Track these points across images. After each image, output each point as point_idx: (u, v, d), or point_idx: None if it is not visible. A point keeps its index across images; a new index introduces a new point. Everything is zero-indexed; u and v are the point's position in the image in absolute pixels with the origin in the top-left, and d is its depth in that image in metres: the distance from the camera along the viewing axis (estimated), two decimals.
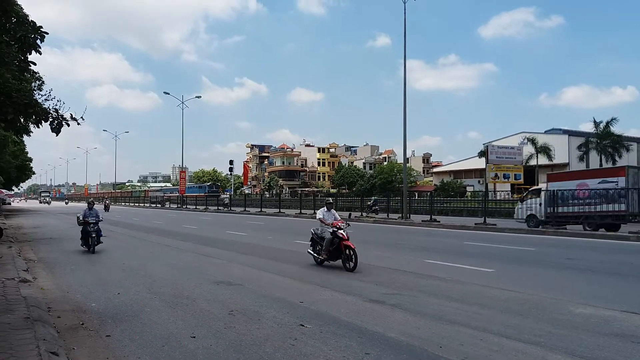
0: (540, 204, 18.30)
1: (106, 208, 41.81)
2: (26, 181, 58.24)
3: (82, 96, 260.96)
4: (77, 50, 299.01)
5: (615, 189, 16.39)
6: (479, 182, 60.11)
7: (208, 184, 76.05)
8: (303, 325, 5.50)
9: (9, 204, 65.73)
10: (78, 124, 6.85)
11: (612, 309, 6.26)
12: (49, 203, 74.34)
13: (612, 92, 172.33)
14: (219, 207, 44.41)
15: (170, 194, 71.37)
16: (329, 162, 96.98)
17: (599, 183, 17.11)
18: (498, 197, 32.32)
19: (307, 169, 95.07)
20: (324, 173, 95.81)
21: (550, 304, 6.54)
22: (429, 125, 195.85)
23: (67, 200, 78.10)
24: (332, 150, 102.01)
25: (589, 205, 16.73)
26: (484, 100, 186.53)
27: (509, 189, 37.66)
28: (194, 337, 5.12)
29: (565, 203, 17.41)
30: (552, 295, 7.03)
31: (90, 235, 12.59)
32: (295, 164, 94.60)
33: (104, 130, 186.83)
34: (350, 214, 28.20)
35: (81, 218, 12.88)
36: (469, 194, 45.17)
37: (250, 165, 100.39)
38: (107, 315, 6.10)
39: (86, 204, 13.32)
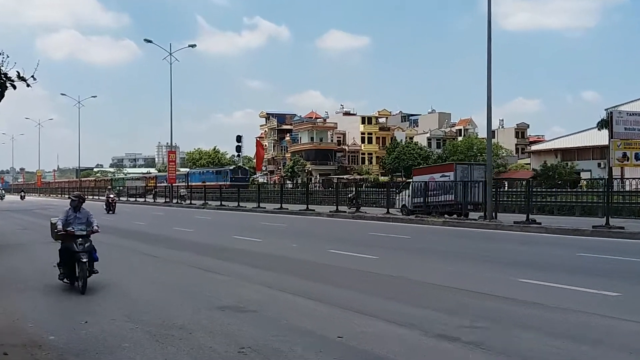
0: (408, 195, 28.12)
1: (109, 207, 36.72)
2: None
3: (32, 46, 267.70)
4: None
5: (448, 182, 25.92)
6: (599, 165, 58.52)
7: (230, 167, 74.92)
8: None
9: None
10: (28, 85, 7.05)
11: None
12: (1, 197, 73.49)
13: None
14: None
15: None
16: (377, 138, 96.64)
17: (440, 177, 26.79)
18: (627, 188, 31.35)
19: (347, 147, 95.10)
20: (371, 153, 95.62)
21: None
22: (524, 83, 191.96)
23: (23, 193, 77.92)
24: (382, 120, 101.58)
25: (436, 196, 26.17)
26: (606, 46, 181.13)
27: None
28: None
29: (422, 194, 27.04)
30: None
31: (78, 260, 9.53)
32: (328, 141, 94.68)
33: (62, 94, 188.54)
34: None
35: (59, 225, 9.92)
36: (584, 182, 44.02)
37: (266, 143, 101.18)
38: (70, 351, 6.28)
39: (68, 201, 10.70)
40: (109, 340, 6.67)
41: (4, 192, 80.00)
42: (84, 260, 9.50)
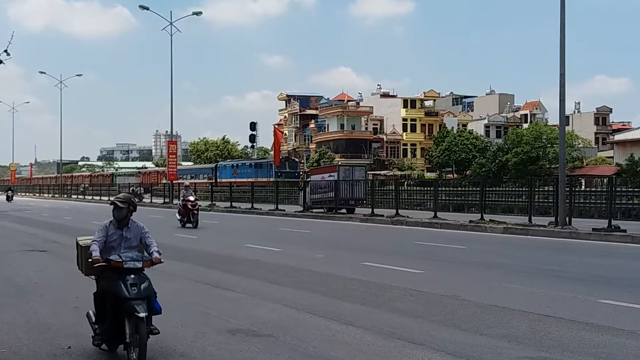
0: (308, 193, 37.48)
1: (189, 217, 27.28)
2: None
3: (4, 15, 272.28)
4: None
5: (332, 181, 35.09)
6: None
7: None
8: None
9: None
10: (0, 61, 7.16)
11: None
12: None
13: None
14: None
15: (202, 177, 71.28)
16: (422, 125, 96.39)
17: (328, 177, 36.12)
18: None
19: (385, 136, 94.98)
20: (414, 144, 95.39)
21: None
22: (607, 58, 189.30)
23: (10, 193, 71.88)
24: (428, 103, 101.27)
25: (325, 193, 35.74)
26: None
27: None
28: None
29: (316, 192, 36.76)
30: None
31: (130, 314, 6.74)
32: (362, 129, 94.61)
33: (40, 72, 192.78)
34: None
35: (96, 252, 7.19)
36: None
37: (286, 132, 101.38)
38: None
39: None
40: None
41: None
42: (142, 314, 6.65)
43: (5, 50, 6.85)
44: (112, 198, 8.13)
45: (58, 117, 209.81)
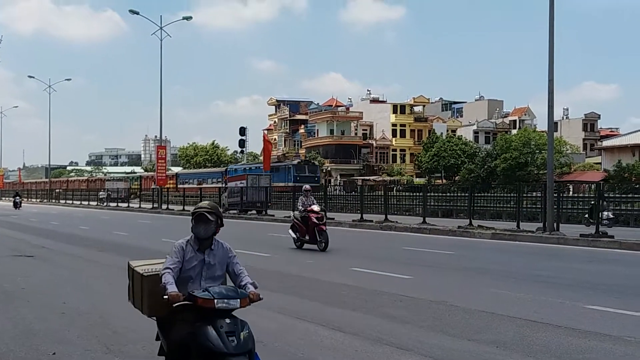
0: (226, 197, 43.86)
1: (311, 236, 19.51)
2: None
3: None
4: None
5: (241, 187, 43.63)
6: None
7: (294, 162, 71.63)
8: None
9: None
10: None
11: None
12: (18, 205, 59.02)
13: None
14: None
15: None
16: (412, 131, 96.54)
17: (240, 183, 45.28)
18: None
19: (374, 142, 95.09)
20: (404, 149, 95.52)
21: None
22: (596, 64, 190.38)
23: (18, 199, 62.00)
24: (417, 108, 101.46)
25: (238, 197, 42.65)
26: None
27: None
28: None
29: (232, 196, 43.48)
30: None
31: None
32: (352, 134, 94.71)
33: (29, 76, 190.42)
34: None
35: (171, 285, 5.38)
36: None
37: (276, 137, 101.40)
38: None
39: (192, 221, 5.85)
40: None
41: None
42: None
43: None
44: (194, 208, 5.97)
45: (47, 121, 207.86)
